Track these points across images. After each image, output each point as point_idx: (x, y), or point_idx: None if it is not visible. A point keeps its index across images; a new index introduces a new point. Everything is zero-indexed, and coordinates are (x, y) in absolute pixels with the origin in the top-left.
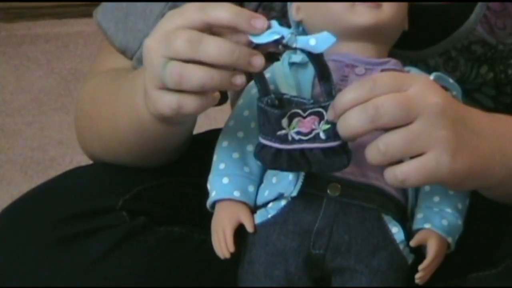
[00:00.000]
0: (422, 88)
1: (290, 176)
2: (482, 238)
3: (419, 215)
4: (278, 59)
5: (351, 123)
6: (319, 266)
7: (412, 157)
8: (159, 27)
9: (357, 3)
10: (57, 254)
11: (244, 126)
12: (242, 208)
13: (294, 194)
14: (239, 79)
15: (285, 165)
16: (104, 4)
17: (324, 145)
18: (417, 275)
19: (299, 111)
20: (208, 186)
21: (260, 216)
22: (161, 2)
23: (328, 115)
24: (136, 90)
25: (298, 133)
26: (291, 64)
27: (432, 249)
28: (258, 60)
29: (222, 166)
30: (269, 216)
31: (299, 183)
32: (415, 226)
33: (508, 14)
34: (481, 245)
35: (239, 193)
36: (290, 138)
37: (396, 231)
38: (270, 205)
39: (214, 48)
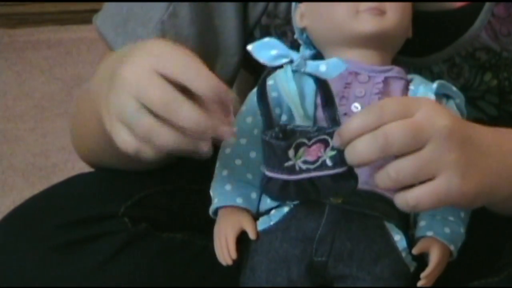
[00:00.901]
0: (429, 112)
1: None
2: (484, 246)
3: (421, 223)
4: (280, 66)
5: (360, 151)
6: (321, 273)
7: (421, 182)
8: (135, 56)
9: (361, 11)
10: (58, 260)
11: (247, 133)
12: (244, 215)
13: (297, 201)
14: (206, 147)
15: (293, 195)
16: (104, 10)
17: (332, 172)
18: (419, 283)
19: (305, 140)
20: (211, 192)
21: (263, 223)
22: (160, 5)
23: (334, 142)
24: (98, 92)
25: (305, 162)
26: (294, 71)
27: (434, 257)
28: (228, 133)
29: (225, 173)
30: (272, 223)
31: None
32: (418, 233)
33: None
34: (483, 253)
35: (241, 200)
36: (297, 168)
37: (398, 238)
38: (272, 212)
39: (186, 115)
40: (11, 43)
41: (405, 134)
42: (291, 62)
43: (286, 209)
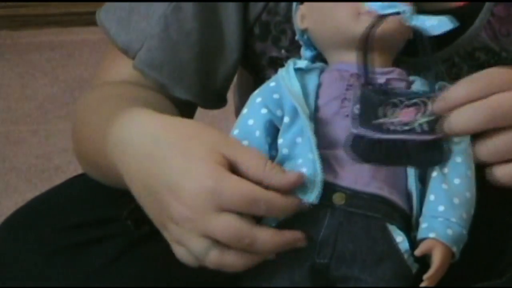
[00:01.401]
0: None
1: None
2: (486, 248)
3: (424, 225)
4: (282, 65)
5: (466, 119)
6: (324, 275)
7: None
8: (184, 175)
9: (362, 13)
10: (61, 262)
11: (249, 135)
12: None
13: (311, 200)
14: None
15: (382, 157)
16: (107, 4)
17: (420, 138)
18: (422, 285)
19: (403, 99)
20: None
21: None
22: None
23: (435, 107)
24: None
25: (394, 123)
26: (296, 70)
27: (437, 259)
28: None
29: None
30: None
31: (317, 189)
32: (420, 235)
33: None
34: (486, 255)
35: None
36: (385, 128)
37: (400, 240)
38: None
39: (262, 245)
40: (14, 45)
41: None
42: (398, 13)
43: None
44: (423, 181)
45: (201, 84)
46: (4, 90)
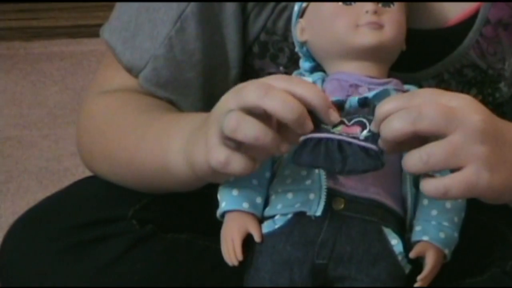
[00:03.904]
0: (464, 103)
1: (311, 195)
2: (473, 247)
3: (417, 228)
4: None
5: (394, 124)
6: (322, 275)
7: (452, 171)
8: (237, 85)
9: (360, 25)
10: (69, 259)
11: None
12: (250, 218)
13: (319, 213)
14: (285, 148)
15: (322, 159)
16: (110, 22)
17: (362, 143)
18: (416, 285)
19: (344, 119)
20: (219, 197)
21: (267, 227)
22: (168, 20)
23: (371, 126)
24: (172, 135)
25: (340, 133)
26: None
27: (430, 261)
28: (309, 127)
29: (231, 178)
30: (276, 226)
31: (322, 202)
32: (414, 238)
33: (499, 41)
34: (471, 254)
35: (247, 205)
36: (332, 131)
37: (395, 243)
38: (277, 217)
39: (279, 100)
40: (26, 55)
41: (437, 113)
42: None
43: (290, 215)
44: (417, 186)
45: (205, 99)
46: (17, 97)
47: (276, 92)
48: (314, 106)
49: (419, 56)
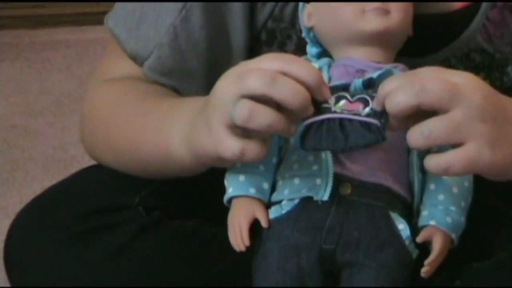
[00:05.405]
0: (466, 80)
1: (318, 180)
2: (480, 232)
3: (424, 212)
4: None
5: (397, 97)
6: (330, 260)
7: (453, 147)
8: (231, 70)
9: (367, 11)
10: (76, 247)
11: None
12: (257, 204)
13: (326, 198)
14: (294, 129)
15: (324, 139)
16: (114, 11)
17: (364, 119)
18: (423, 270)
19: (347, 94)
20: (225, 182)
21: (274, 212)
22: (173, 9)
23: (373, 104)
24: (172, 122)
25: (342, 111)
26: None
27: (437, 245)
28: (311, 110)
29: (238, 164)
30: (283, 212)
31: (329, 187)
32: (421, 222)
33: (506, 25)
34: (478, 238)
35: (254, 190)
36: (333, 110)
37: (402, 227)
38: (284, 202)
39: (288, 88)
40: (31, 43)
41: (440, 87)
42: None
43: (297, 200)
44: (423, 171)
45: (209, 87)
46: (23, 86)
47: (283, 80)
48: (308, 84)
49: (426, 41)
